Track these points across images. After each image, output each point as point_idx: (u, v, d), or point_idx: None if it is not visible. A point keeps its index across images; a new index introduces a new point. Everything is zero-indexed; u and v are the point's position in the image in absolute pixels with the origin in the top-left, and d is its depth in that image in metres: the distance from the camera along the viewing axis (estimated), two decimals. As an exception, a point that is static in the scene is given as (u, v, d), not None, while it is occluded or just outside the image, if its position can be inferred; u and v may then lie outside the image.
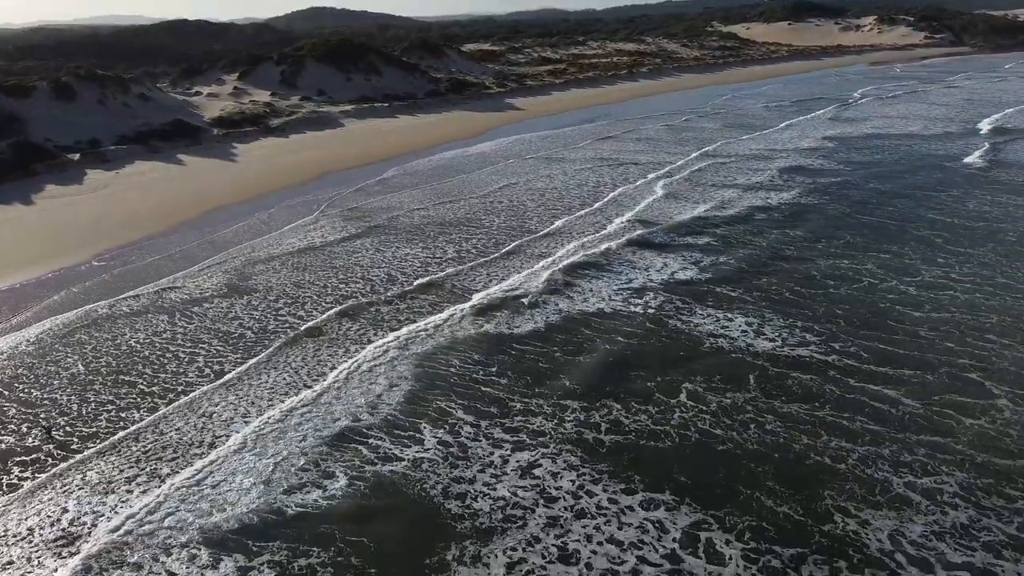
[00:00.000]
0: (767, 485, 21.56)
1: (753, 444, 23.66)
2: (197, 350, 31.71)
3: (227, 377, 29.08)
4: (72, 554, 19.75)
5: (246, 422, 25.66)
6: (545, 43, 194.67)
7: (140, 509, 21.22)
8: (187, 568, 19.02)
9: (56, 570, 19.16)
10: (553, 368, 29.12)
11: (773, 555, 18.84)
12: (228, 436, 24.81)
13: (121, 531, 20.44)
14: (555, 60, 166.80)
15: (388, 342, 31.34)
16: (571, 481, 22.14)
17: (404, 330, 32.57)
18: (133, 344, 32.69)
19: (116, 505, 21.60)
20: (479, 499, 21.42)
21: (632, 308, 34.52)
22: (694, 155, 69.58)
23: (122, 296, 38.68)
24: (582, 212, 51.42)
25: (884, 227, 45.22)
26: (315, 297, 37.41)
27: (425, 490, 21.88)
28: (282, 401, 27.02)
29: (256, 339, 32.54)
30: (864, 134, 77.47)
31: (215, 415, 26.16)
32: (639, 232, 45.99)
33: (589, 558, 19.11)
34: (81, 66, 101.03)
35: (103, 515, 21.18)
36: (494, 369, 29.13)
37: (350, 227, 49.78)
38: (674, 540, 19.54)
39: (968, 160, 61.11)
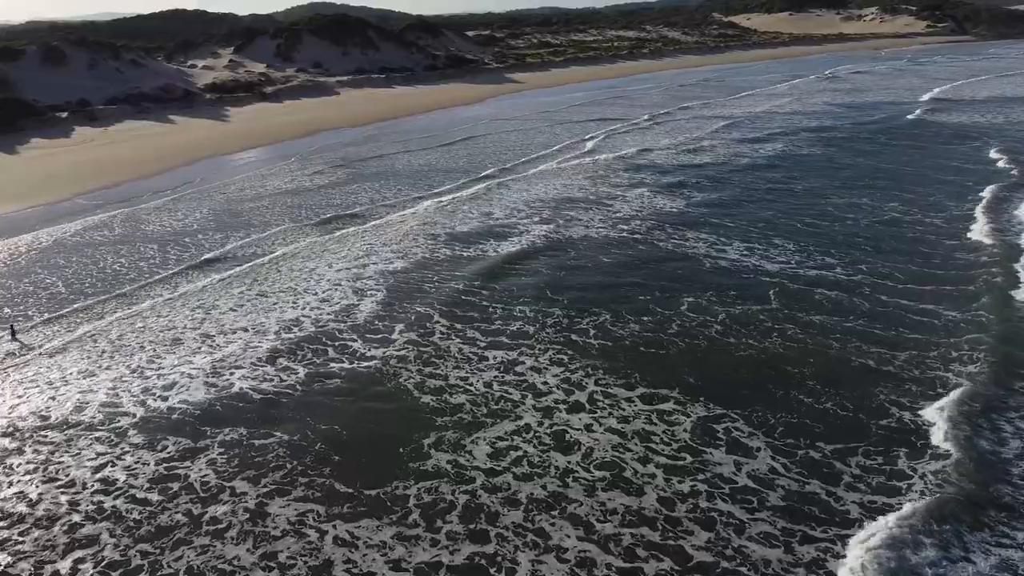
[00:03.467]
0: (807, 385, 19.49)
1: (778, 349, 21.61)
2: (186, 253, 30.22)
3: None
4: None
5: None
6: (545, 30, 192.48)
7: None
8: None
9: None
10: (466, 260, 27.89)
11: (815, 449, 16.77)
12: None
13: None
14: (555, 45, 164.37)
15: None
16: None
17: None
18: (114, 267, 31.26)
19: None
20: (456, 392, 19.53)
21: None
22: (672, 108, 74.16)
23: (98, 217, 39.01)
24: (537, 154, 53.13)
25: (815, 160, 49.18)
26: (285, 215, 39.34)
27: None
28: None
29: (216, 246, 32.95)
30: (826, 101, 79.27)
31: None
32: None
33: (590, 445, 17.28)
34: (72, 31, 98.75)
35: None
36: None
37: (326, 171, 49.87)
38: (686, 431, 17.68)
39: (909, 117, 67.39)
